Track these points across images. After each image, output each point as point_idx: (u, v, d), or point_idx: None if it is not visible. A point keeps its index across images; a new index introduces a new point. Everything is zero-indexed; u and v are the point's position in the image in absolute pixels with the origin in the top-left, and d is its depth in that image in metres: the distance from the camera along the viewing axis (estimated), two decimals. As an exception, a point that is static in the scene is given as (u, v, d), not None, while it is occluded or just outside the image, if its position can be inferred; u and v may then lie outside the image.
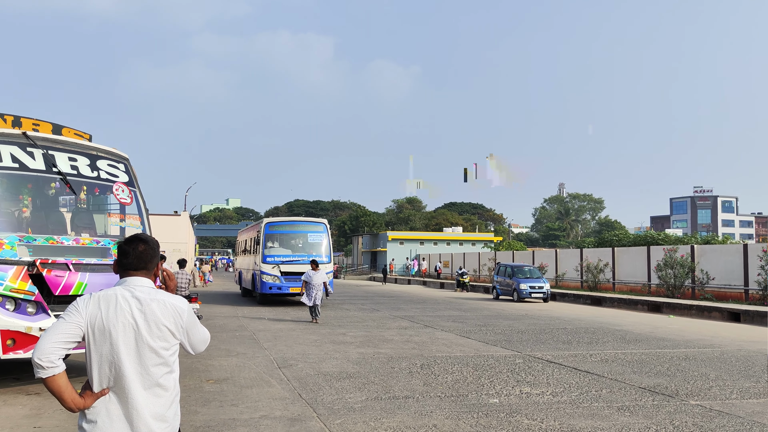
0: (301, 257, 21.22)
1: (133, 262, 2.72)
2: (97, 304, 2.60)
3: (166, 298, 2.70)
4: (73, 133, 9.03)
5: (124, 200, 8.76)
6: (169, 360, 2.68)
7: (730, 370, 9.52)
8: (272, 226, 22.43)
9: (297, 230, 22.67)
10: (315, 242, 22.15)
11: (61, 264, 7.54)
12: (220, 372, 9.14)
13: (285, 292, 21.21)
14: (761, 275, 21.25)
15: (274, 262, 21.05)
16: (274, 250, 21.66)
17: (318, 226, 22.78)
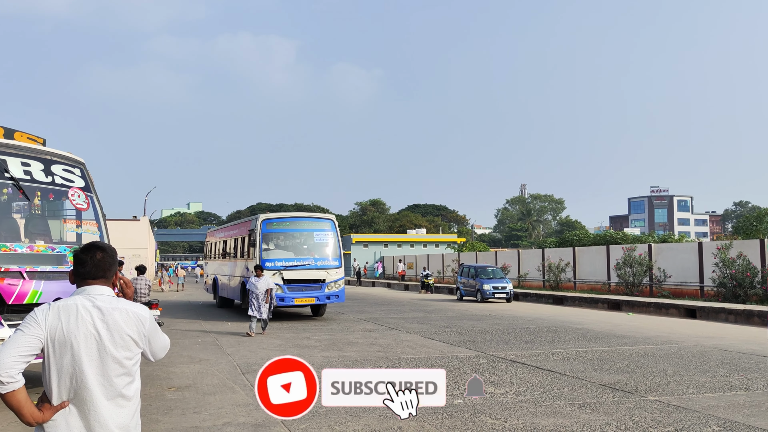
0: (307, 261, 17.62)
1: (91, 270, 2.66)
2: (57, 314, 2.53)
3: (127, 306, 2.65)
4: (26, 138, 8.78)
5: (80, 206, 8.55)
6: (132, 369, 2.64)
7: (687, 366, 9.77)
8: (270, 223, 18.21)
9: (300, 228, 18.86)
10: (321, 242, 18.41)
11: (14, 272, 7.31)
12: (182, 379, 8.99)
13: (290, 304, 17.27)
14: (715, 272, 21.87)
15: (274, 268, 17.01)
16: (273, 253, 17.71)
17: (324, 223, 18.94)
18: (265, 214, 18.51)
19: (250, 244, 18.33)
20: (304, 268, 17.44)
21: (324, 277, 17.47)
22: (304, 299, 17.33)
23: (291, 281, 17.14)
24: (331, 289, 17.61)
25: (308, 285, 17.18)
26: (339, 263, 18.01)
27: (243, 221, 21.22)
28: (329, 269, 17.64)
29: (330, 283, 17.57)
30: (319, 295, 17.44)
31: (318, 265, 17.49)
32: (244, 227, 19.99)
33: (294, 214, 20.13)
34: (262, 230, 17.82)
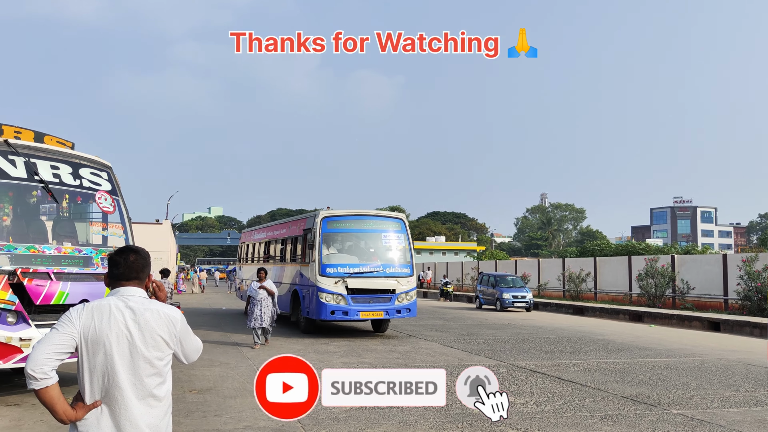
0: (375, 268, 14.90)
1: (124, 272, 2.72)
2: (90, 314, 2.60)
3: (159, 307, 2.71)
4: (55, 141, 8.95)
5: (107, 209, 8.69)
6: (163, 370, 2.69)
7: (711, 380, 9.63)
8: (332, 222, 15.31)
9: (366, 229, 15.86)
10: (391, 246, 15.59)
11: (42, 273, 7.45)
12: (203, 382, 9.06)
13: (354, 318, 14.55)
14: (740, 285, 21.53)
15: (337, 275, 14.40)
16: (335, 258, 15.03)
17: (394, 222, 15.96)
18: (325, 210, 15.62)
19: (306, 246, 15.35)
20: (371, 275, 14.72)
21: (394, 287, 14.73)
22: (370, 313, 14.55)
23: (356, 291, 14.40)
24: (402, 301, 14.79)
25: (376, 296, 14.55)
26: (410, 271, 15.28)
27: (294, 219, 18.14)
28: (400, 277, 14.94)
29: (401, 294, 14.78)
30: (388, 309, 14.60)
31: (387, 273, 14.84)
32: (297, 226, 17.03)
33: (359, 211, 16.17)
34: (322, 230, 14.90)
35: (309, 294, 14.94)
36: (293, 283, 16.32)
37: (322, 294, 14.28)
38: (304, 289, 15.41)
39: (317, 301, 14.36)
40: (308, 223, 15.76)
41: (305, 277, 15.21)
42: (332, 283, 14.27)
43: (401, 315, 14.87)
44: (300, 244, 16.17)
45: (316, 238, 14.77)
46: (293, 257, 16.90)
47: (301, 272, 15.73)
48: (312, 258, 14.80)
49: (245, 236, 24.41)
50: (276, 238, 19.34)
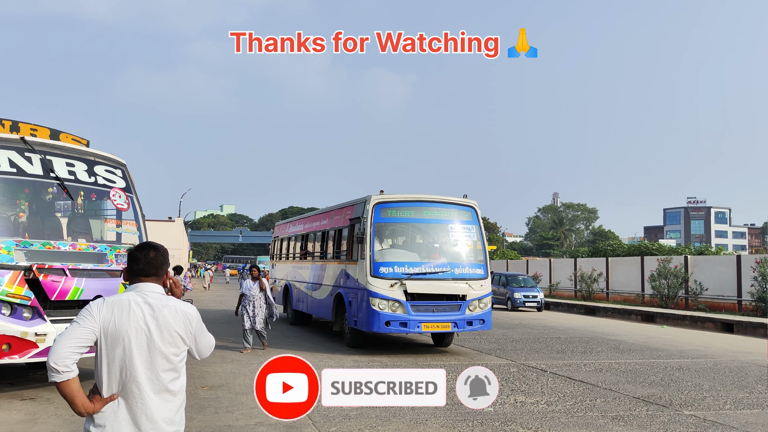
0: (442, 268, 11.92)
1: (144, 268, 2.77)
2: (110, 309, 2.64)
3: (176, 304, 2.75)
4: (70, 139, 9.04)
5: (121, 206, 8.77)
6: (178, 366, 2.74)
7: (724, 381, 9.57)
8: (387, 209, 12.25)
9: (429, 218, 12.65)
10: (460, 240, 12.57)
11: (57, 269, 7.53)
12: (215, 378, 9.13)
13: (415, 330, 11.53)
14: (754, 286, 21.36)
15: (393, 276, 11.52)
16: (391, 254, 12.11)
17: (464, 211, 12.74)
18: (378, 195, 12.26)
19: (354, 240, 12.39)
20: (436, 277, 11.69)
21: (464, 293, 11.71)
22: (435, 324, 11.49)
23: (417, 297, 11.48)
24: (474, 310, 11.86)
25: (442, 303, 11.64)
26: (484, 272, 12.26)
27: (338, 207, 14.59)
28: (471, 280, 11.93)
29: (473, 301, 11.80)
30: (457, 319, 11.62)
31: (456, 274, 11.85)
32: (341, 216, 13.82)
33: (421, 197, 12.65)
34: (374, 219, 11.92)
35: (357, 299, 12.01)
36: (337, 285, 13.36)
37: (374, 300, 11.36)
38: (350, 292, 12.45)
39: (368, 309, 11.43)
40: (356, 210, 12.72)
41: (352, 278, 12.35)
42: (387, 287, 11.37)
43: (473, 327, 11.97)
44: (345, 237, 13.19)
45: (366, 230, 11.80)
46: (337, 254, 13.81)
47: (346, 272, 12.78)
48: (361, 254, 11.87)
49: (279, 230, 20.95)
50: (315, 231, 16.15)
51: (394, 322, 11.33)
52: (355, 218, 12.59)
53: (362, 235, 11.86)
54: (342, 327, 13.09)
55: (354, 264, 12.30)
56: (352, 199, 13.48)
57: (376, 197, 12.10)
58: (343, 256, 13.12)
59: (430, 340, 13.79)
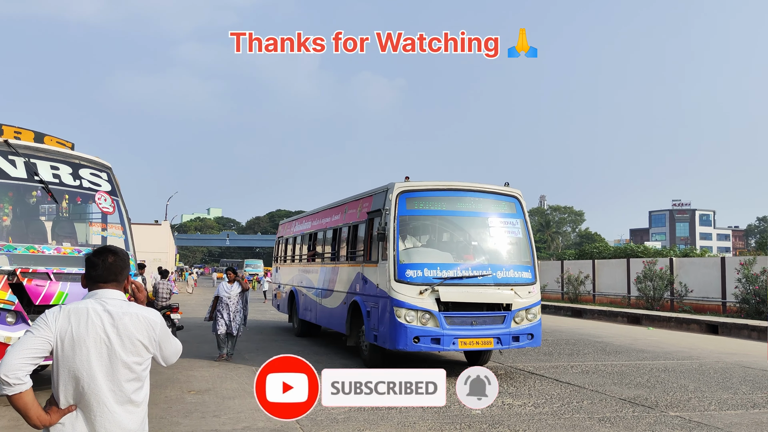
0: (482, 271, 9.82)
1: (102, 274, 2.65)
2: (67, 317, 2.53)
3: (138, 311, 2.64)
4: (55, 142, 8.97)
5: (107, 209, 8.70)
6: (142, 375, 2.63)
7: (709, 382, 9.65)
8: (414, 200, 10.16)
9: (465, 210, 10.46)
10: (503, 236, 10.47)
11: (41, 273, 7.46)
12: (202, 383, 9.07)
13: (450, 348, 9.47)
14: (738, 288, 21.56)
15: (423, 281, 9.46)
16: (420, 254, 10.08)
17: (506, 203, 10.65)
18: (402, 183, 10.13)
19: (373, 237, 10.34)
20: (475, 282, 9.59)
21: (509, 301, 9.63)
22: (474, 341, 9.37)
23: (452, 307, 9.34)
24: (521, 322, 9.69)
25: (482, 315, 9.50)
26: (532, 275, 10.13)
27: (353, 199, 12.22)
28: (517, 285, 9.81)
29: (519, 311, 9.68)
30: (501, 334, 9.48)
31: (499, 278, 9.74)
32: (357, 209, 11.65)
33: (454, 184, 10.44)
34: (398, 211, 9.79)
35: (377, 309, 9.89)
36: (352, 291, 11.22)
37: (399, 310, 9.21)
38: (368, 300, 10.36)
39: (391, 321, 9.29)
40: (376, 202, 10.63)
41: (371, 284, 10.27)
42: (415, 293, 9.25)
43: (521, 344, 9.74)
44: (362, 234, 11.20)
45: (389, 224, 9.68)
46: (351, 254, 11.68)
47: (363, 276, 10.68)
48: (382, 255, 9.80)
49: (283, 229, 18.48)
50: (325, 229, 13.86)
51: (424, 338, 9.14)
52: (374, 211, 10.50)
53: (384, 231, 9.72)
54: (358, 342, 11.01)
55: (373, 266, 10.20)
56: (370, 189, 11.28)
57: (400, 185, 9.98)
58: (360, 258, 11.06)
59: (461, 357, 11.53)
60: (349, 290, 11.39)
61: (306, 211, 16.65)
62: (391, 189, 9.97)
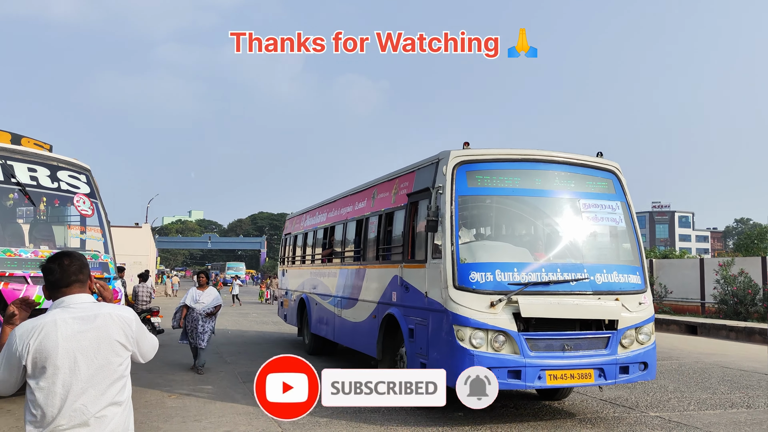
0: (576, 274, 6.98)
1: (61, 278, 2.57)
2: (36, 334, 2.44)
3: (111, 310, 2.58)
4: (32, 144, 8.85)
5: (85, 212, 8.59)
6: (123, 374, 2.59)
7: (688, 382, 9.75)
8: (477, 174, 7.26)
9: (547, 189, 7.57)
10: (599, 225, 7.76)
11: (18, 277, 7.34)
12: (183, 387, 8.99)
13: (535, 384, 6.63)
14: (717, 289, 21.84)
15: (494, 288, 6.65)
16: (488, 251, 7.31)
17: (600, 179, 7.80)
18: (460, 151, 7.32)
19: (417, 228, 7.85)
20: (567, 289, 6.92)
21: (614, 316, 6.94)
22: (569, 374, 6.71)
23: (537, 325, 6.72)
24: (630, 346, 7.06)
25: (577, 336, 6.83)
26: (642, 280, 7.50)
27: (386, 179, 9.38)
28: (623, 294, 7.15)
29: (627, 330, 7.02)
30: (604, 364, 6.82)
31: (598, 284, 7.05)
32: (392, 191, 8.93)
33: (531, 153, 7.58)
34: (457, 190, 7.09)
35: (427, 327, 7.14)
36: (385, 301, 8.50)
37: (462, 330, 6.53)
38: (412, 315, 7.57)
39: (450, 346, 6.61)
40: (421, 179, 7.86)
41: (415, 292, 7.52)
42: (484, 306, 6.56)
43: (631, 377, 7.03)
44: (400, 225, 8.42)
45: (444, 208, 6.96)
46: (384, 252, 8.86)
47: (403, 281, 7.90)
48: (434, 251, 7.08)
49: (291, 225, 15.60)
50: (346, 220, 10.87)
51: (498, 371, 6.01)
52: (418, 192, 7.78)
53: (436, 218, 6.90)
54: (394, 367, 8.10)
55: (418, 267, 7.48)
56: (410, 164, 8.53)
57: (458, 153, 7.18)
58: (397, 256, 8.30)
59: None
60: (382, 300, 8.62)
61: (321, 202, 13.15)
62: (446, 159, 7.13)
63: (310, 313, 12.53)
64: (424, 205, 7.52)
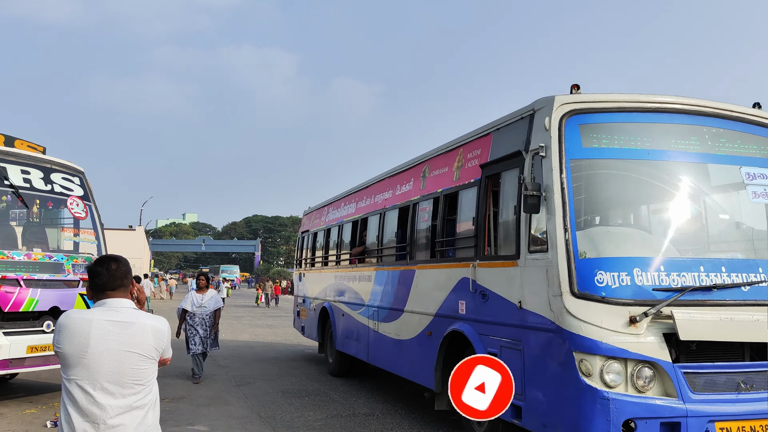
0: (752, 275, 4.73)
1: (107, 282, 2.66)
2: (74, 330, 2.55)
3: (146, 321, 2.67)
4: (26, 146, 8.79)
5: (79, 214, 8.56)
6: (150, 381, 2.67)
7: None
8: (596, 129, 5.01)
9: (698, 152, 5.14)
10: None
11: (11, 279, 7.30)
12: (177, 390, 8.95)
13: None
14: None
15: (634, 296, 4.52)
16: (619, 241, 5.09)
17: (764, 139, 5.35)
18: (567, 96, 5.05)
19: (522, 206, 5.05)
20: (740, 298, 4.67)
21: None
22: (748, 426, 4.37)
23: (698, 351, 4.51)
24: None
25: (755, 368, 4.57)
26: None
27: (446, 149, 7.12)
28: None
29: None
30: None
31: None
32: (455, 163, 6.76)
33: (668, 100, 5.15)
34: (568, 152, 4.87)
35: (523, 352, 5.17)
36: (446, 314, 6.51)
37: (588, 359, 4.44)
38: (495, 333, 5.60)
39: (569, 382, 4.53)
40: (505, 140, 5.82)
41: (498, 300, 5.55)
42: (620, 322, 4.45)
43: None
44: (469, 207, 6.32)
45: (551, 178, 4.85)
46: (444, 246, 6.87)
47: (477, 284, 5.89)
48: (535, 240, 5.08)
49: (309, 220, 13.41)
50: (382, 210, 8.78)
51: (646, 423, 4.32)
52: (499, 161, 5.73)
53: (538, 192, 4.87)
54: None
55: (504, 265, 5.46)
56: (480, 127, 6.39)
57: (565, 99, 5.06)
58: (465, 251, 6.23)
59: None
60: (441, 311, 6.56)
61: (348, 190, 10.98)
62: (548, 109, 5.03)
63: (334, 326, 10.36)
64: (510, 178, 5.51)
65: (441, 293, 6.59)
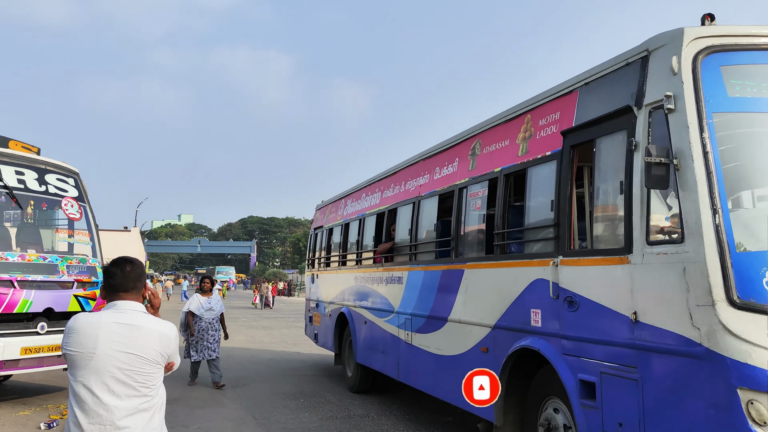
0: None
1: (121, 283, 2.68)
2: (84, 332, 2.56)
3: (154, 326, 2.66)
4: (20, 146, 8.76)
5: (73, 215, 8.53)
6: (156, 385, 2.67)
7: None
8: (742, 69, 3.58)
9: None
10: None
11: (5, 281, 7.26)
12: (171, 392, 8.85)
13: None
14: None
15: None
16: None
17: None
18: (698, 29, 3.66)
19: (645, 180, 3.61)
20: None
21: None
22: None
23: None
24: None
25: None
26: None
27: (508, 115, 5.58)
28: None
29: None
30: None
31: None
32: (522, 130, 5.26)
33: None
34: (709, 103, 3.50)
35: (640, 384, 3.69)
36: (510, 325, 5.13)
37: (756, 399, 3.06)
38: (593, 355, 4.13)
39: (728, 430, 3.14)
40: (601, 96, 4.35)
41: (596, 309, 4.10)
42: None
43: None
44: (545, 188, 4.85)
45: (686, 139, 3.48)
46: (508, 239, 5.45)
47: (561, 288, 4.44)
48: (647, 232, 3.70)
49: (323, 215, 11.98)
50: (418, 197, 7.38)
51: None
52: (594, 124, 4.34)
53: (667, 158, 3.51)
54: None
55: (606, 263, 4.07)
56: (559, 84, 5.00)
57: (697, 33, 3.68)
58: (542, 244, 4.91)
59: None
60: (502, 322, 5.25)
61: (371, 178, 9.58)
62: (676, 45, 3.72)
63: (355, 336, 9.05)
64: (611, 145, 4.18)
65: (502, 299, 5.21)
